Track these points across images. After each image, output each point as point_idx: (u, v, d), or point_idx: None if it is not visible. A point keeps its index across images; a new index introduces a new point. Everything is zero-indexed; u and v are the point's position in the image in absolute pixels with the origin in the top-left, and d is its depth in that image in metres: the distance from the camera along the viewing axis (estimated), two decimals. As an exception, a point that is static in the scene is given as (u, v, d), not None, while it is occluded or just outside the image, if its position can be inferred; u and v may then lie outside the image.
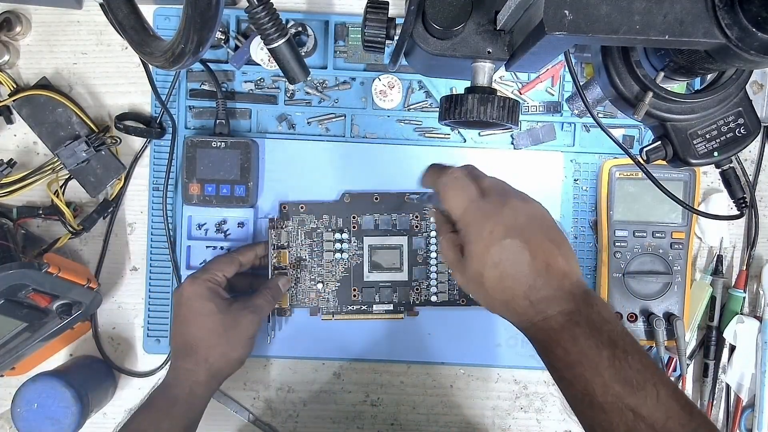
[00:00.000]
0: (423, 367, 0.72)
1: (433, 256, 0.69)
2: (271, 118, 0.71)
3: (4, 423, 0.68)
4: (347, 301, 0.69)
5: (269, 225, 0.68)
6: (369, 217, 0.69)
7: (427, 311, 0.70)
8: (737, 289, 0.70)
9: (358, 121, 0.70)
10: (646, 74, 0.44)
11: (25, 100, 0.68)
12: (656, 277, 0.68)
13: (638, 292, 0.68)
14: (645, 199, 0.68)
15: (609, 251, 0.68)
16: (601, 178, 0.69)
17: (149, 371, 0.71)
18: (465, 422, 0.72)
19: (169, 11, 0.70)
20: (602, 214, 0.69)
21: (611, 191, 0.68)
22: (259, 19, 0.49)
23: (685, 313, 0.68)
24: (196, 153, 0.67)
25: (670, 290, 0.68)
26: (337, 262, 0.69)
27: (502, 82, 0.70)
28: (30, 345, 0.63)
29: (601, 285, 0.69)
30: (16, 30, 0.69)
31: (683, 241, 0.68)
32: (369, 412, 0.72)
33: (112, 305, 0.72)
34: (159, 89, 0.69)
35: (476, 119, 0.42)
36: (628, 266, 0.68)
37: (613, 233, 0.68)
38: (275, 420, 0.71)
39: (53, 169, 0.68)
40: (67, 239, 0.69)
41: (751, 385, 0.69)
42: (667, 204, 0.68)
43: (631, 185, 0.68)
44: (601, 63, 0.46)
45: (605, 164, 0.69)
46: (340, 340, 0.70)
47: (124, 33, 0.48)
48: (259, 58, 0.68)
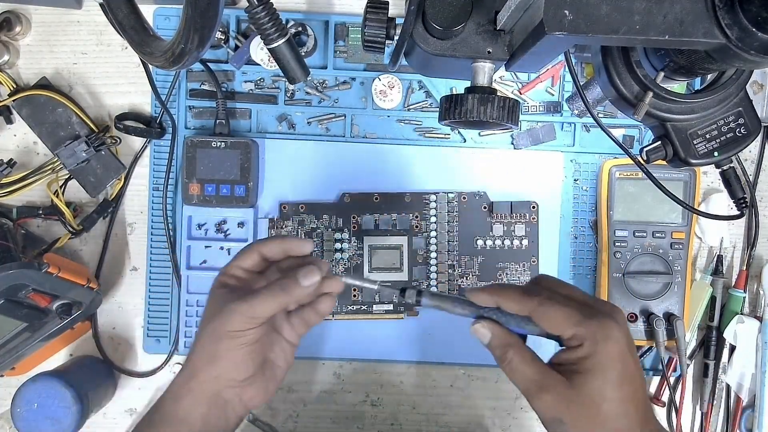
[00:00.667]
0: (423, 367, 0.72)
1: (433, 256, 0.69)
2: (271, 118, 0.71)
3: (4, 423, 0.68)
4: (347, 301, 0.69)
5: (269, 225, 0.68)
6: (369, 217, 0.69)
7: (427, 311, 0.70)
8: (737, 289, 0.70)
9: (358, 121, 0.71)
10: (646, 74, 0.44)
11: (25, 100, 0.68)
12: (656, 277, 0.68)
13: (638, 292, 0.68)
14: (645, 199, 0.68)
15: (609, 251, 0.68)
16: (601, 178, 0.69)
17: (149, 371, 0.71)
18: (465, 422, 0.72)
19: (169, 11, 0.70)
20: (602, 214, 0.69)
21: (611, 191, 0.68)
22: (259, 20, 0.49)
23: (685, 313, 0.68)
24: (196, 153, 0.67)
25: (670, 290, 0.68)
26: (337, 262, 0.69)
27: (502, 82, 0.70)
28: (30, 345, 0.63)
29: (601, 285, 0.69)
30: (16, 30, 0.69)
31: (683, 241, 0.68)
32: (369, 412, 0.72)
33: (112, 305, 0.72)
34: (159, 89, 0.69)
35: (476, 119, 0.42)
36: (628, 266, 0.68)
37: (613, 233, 0.68)
38: (275, 420, 0.71)
39: (53, 169, 0.68)
40: (67, 239, 0.69)
41: (751, 385, 0.69)
42: (667, 204, 0.68)
43: (631, 185, 0.68)
44: (600, 63, 0.46)
45: (605, 164, 0.69)
46: (340, 339, 0.70)
47: (124, 33, 0.48)
48: (259, 58, 0.68)
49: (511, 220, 0.69)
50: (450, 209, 0.69)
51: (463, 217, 0.69)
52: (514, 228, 0.69)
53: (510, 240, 0.69)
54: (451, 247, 0.69)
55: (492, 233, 0.69)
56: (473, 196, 0.69)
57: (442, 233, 0.69)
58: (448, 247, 0.69)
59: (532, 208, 0.69)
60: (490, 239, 0.69)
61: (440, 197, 0.69)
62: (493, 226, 0.69)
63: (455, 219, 0.69)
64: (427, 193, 0.69)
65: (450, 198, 0.69)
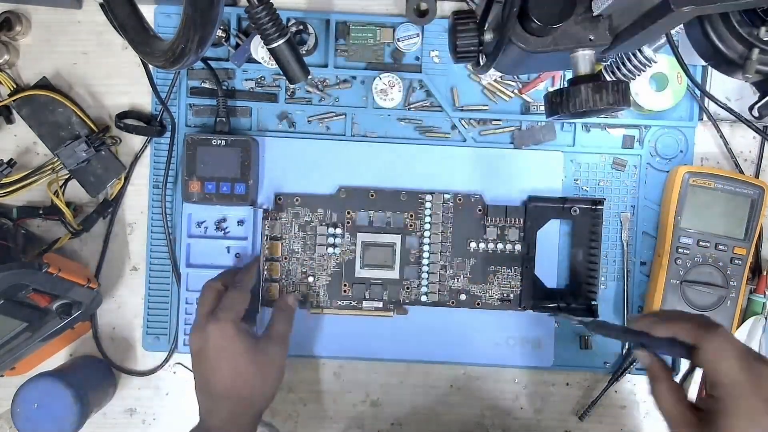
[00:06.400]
0: (423, 366, 0.72)
1: (425, 256, 0.69)
2: (272, 116, 0.71)
3: (4, 423, 0.68)
4: (337, 296, 0.69)
5: (263, 216, 0.68)
6: (364, 214, 0.69)
7: (421, 310, 0.70)
8: (758, 294, 0.70)
9: (358, 119, 0.70)
10: (750, 31, 0.43)
11: (25, 100, 0.68)
12: (713, 289, 0.67)
13: (692, 301, 0.67)
14: (715, 210, 0.67)
15: (670, 257, 0.67)
16: (671, 181, 0.68)
17: (149, 370, 0.71)
18: (465, 422, 0.72)
19: (170, 9, 0.69)
20: (668, 219, 0.68)
21: (681, 197, 0.67)
22: (259, 19, 0.49)
23: (733, 329, 0.68)
24: (196, 151, 0.67)
25: (723, 304, 0.67)
26: (329, 257, 0.69)
27: (503, 81, 0.70)
28: (30, 345, 0.63)
29: (656, 290, 0.68)
30: (16, 30, 0.68)
31: (743, 257, 0.67)
32: (369, 412, 0.72)
33: (112, 305, 0.72)
34: (159, 87, 0.69)
35: (593, 108, 0.42)
36: (687, 274, 0.67)
37: (677, 239, 0.67)
38: (275, 420, 0.71)
39: (53, 169, 0.68)
40: (67, 239, 0.69)
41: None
42: (735, 218, 0.67)
43: (703, 194, 0.67)
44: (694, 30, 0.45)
45: (678, 169, 0.67)
46: (338, 338, 0.70)
47: (124, 33, 0.48)
48: (260, 56, 0.68)
49: (505, 224, 0.69)
50: (445, 210, 0.69)
51: (458, 218, 0.69)
52: (508, 232, 0.69)
53: (503, 244, 0.69)
54: (444, 248, 0.69)
55: (485, 236, 0.69)
56: (468, 198, 0.69)
57: (436, 234, 0.69)
58: (441, 248, 0.69)
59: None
60: (483, 242, 0.69)
61: (436, 197, 0.69)
62: (487, 229, 0.69)
63: (450, 220, 0.69)
64: (423, 193, 0.69)
65: (446, 199, 0.69)
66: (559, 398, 0.72)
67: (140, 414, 0.72)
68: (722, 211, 0.68)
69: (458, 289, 0.69)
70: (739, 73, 0.44)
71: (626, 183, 0.70)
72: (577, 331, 0.71)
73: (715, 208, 0.68)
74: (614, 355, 0.71)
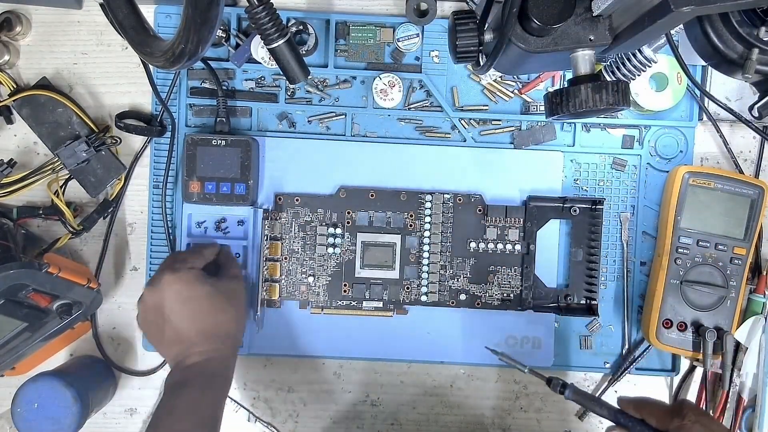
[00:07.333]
0: (423, 367, 0.72)
1: (425, 256, 0.69)
2: (272, 116, 0.71)
3: (4, 423, 0.68)
4: (337, 296, 0.69)
5: (263, 216, 0.68)
6: (363, 213, 0.69)
7: (421, 310, 0.70)
8: (758, 294, 0.69)
9: (358, 119, 0.70)
10: (750, 31, 0.43)
11: (25, 100, 0.68)
12: (712, 289, 0.67)
13: (692, 301, 0.67)
14: (714, 210, 0.67)
15: (670, 257, 0.67)
16: (671, 181, 0.68)
17: (149, 370, 0.71)
18: (465, 422, 0.72)
19: (170, 9, 0.69)
20: (668, 219, 0.68)
21: (681, 197, 0.67)
22: (258, 20, 0.49)
23: (733, 329, 0.68)
24: (196, 151, 0.67)
25: (722, 304, 0.67)
26: (329, 257, 0.69)
27: (503, 81, 0.70)
28: (30, 345, 0.63)
29: (656, 290, 0.68)
30: (16, 30, 0.68)
31: (743, 257, 0.67)
32: (369, 412, 0.72)
33: (112, 305, 0.72)
34: (159, 87, 0.69)
35: (593, 108, 0.42)
36: (687, 274, 0.67)
37: (677, 239, 0.67)
38: (275, 420, 0.71)
39: (53, 169, 0.68)
40: (67, 239, 0.69)
41: (753, 384, 0.69)
42: (735, 218, 0.67)
43: (703, 194, 0.67)
44: (690, 32, 0.45)
45: (678, 169, 0.67)
46: (338, 338, 0.70)
47: (124, 33, 0.48)
48: (260, 56, 0.68)
49: (505, 224, 0.69)
50: (445, 210, 0.69)
51: (458, 218, 0.69)
52: (508, 232, 0.69)
53: (503, 244, 0.69)
54: (444, 248, 0.69)
55: (485, 236, 0.69)
56: (468, 198, 0.69)
57: (436, 234, 0.69)
58: (440, 248, 0.69)
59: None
60: (483, 242, 0.69)
61: (436, 197, 0.69)
62: (487, 229, 0.69)
63: (450, 220, 0.69)
64: (423, 193, 0.69)
65: (445, 199, 0.69)
66: (559, 398, 0.71)
67: (140, 414, 0.72)
68: (722, 211, 0.67)
69: (458, 289, 0.69)
70: (739, 73, 0.44)
71: (626, 183, 0.71)
72: (578, 331, 0.71)
73: (715, 208, 0.68)
74: (614, 355, 0.71)
